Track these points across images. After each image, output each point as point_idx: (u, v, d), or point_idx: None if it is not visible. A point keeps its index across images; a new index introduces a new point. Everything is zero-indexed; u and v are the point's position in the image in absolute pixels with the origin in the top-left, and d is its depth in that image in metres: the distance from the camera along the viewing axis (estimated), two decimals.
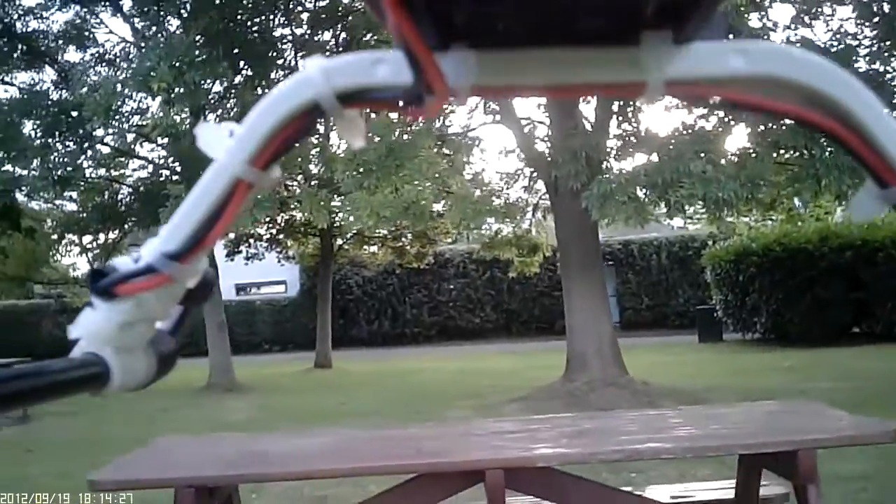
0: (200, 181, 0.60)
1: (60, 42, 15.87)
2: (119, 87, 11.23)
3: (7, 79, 16.45)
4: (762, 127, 8.94)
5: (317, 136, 14.35)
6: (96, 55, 14.22)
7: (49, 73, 16.08)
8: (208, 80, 11.37)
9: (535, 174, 12.12)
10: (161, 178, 15.57)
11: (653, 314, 25.44)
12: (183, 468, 3.57)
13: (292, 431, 6.37)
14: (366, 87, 0.58)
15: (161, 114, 11.41)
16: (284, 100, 0.58)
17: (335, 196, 12.43)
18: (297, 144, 0.62)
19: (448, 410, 10.41)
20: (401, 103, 0.58)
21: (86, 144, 13.88)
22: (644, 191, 8.44)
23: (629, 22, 0.55)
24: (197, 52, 10.85)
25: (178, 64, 10.41)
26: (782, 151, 9.40)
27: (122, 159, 16.96)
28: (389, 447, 3.92)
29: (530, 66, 0.58)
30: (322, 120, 0.59)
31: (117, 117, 11.88)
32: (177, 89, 10.52)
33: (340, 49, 16.06)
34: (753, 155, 8.99)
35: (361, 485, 5.60)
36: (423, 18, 0.51)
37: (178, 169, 14.69)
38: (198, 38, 10.90)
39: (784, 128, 8.38)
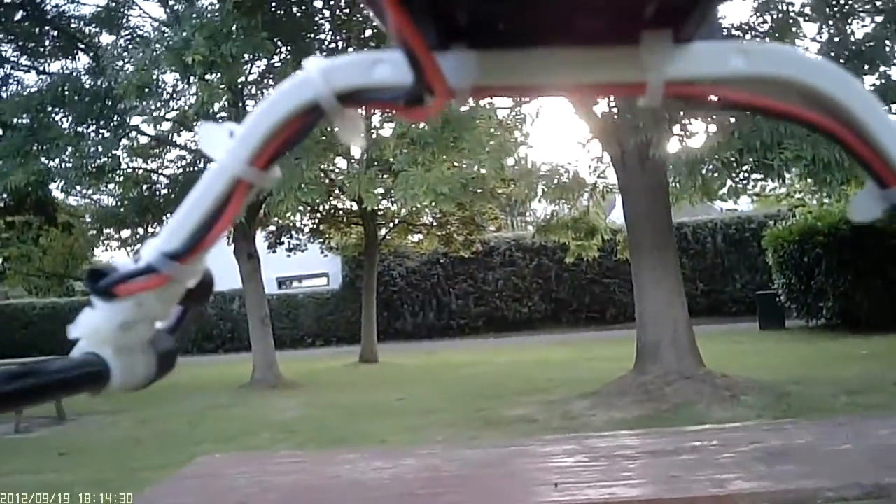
0: (201, 181, 0.60)
1: (93, 26, 15.34)
2: (152, 62, 10.56)
3: (41, 67, 16.04)
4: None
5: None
6: (129, 38, 13.55)
7: (83, 61, 15.60)
8: (246, 54, 10.64)
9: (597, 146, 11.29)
10: (200, 168, 14.95)
11: (708, 300, 24.32)
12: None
13: (362, 450, 5.43)
14: (366, 87, 0.58)
15: (198, 94, 10.71)
16: (284, 100, 0.58)
17: (385, 175, 11.66)
18: (297, 144, 0.62)
19: (513, 408, 9.65)
20: (401, 103, 0.57)
21: (120, 131, 13.33)
22: (734, 156, 7.54)
23: (629, 22, 0.55)
24: (234, 23, 10.17)
25: (214, 35, 9.76)
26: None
27: (159, 150, 16.40)
28: (525, 471, 3.07)
29: (530, 66, 0.58)
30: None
31: (152, 99, 11.22)
32: (213, 62, 9.83)
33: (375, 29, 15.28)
34: None
35: None
36: (423, 18, 0.52)
37: None
38: (233, 8, 10.15)
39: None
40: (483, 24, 0.56)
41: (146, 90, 10.84)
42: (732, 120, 7.57)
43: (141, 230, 16.98)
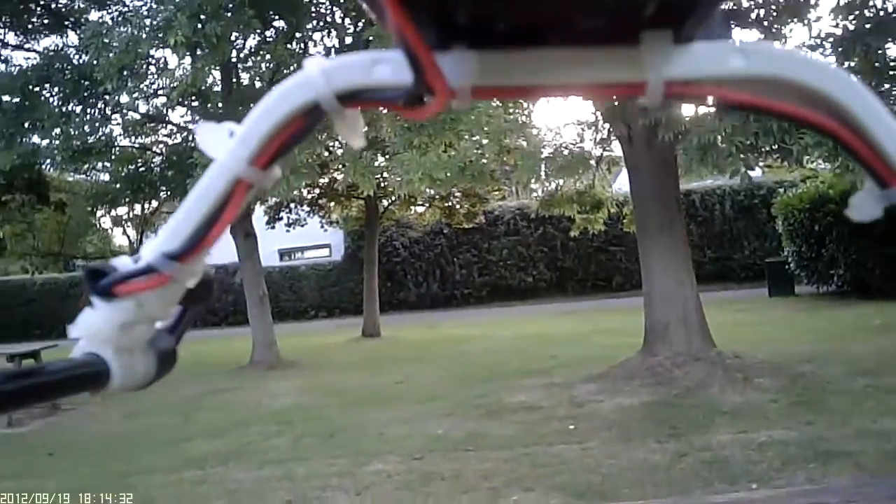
0: (201, 181, 0.60)
1: (82, 3, 14.85)
2: (133, 43, 10.08)
3: (30, 45, 15.60)
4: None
5: None
6: (117, 14, 13.07)
7: (73, 38, 15.13)
8: (233, 33, 10.14)
9: (602, 125, 10.83)
10: (193, 145, 14.54)
11: (717, 267, 23.96)
12: None
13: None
14: (366, 87, 0.58)
15: (180, 72, 10.30)
16: (285, 100, 0.58)
17: (381, 156, 11.20)
18: (297, 145, 0.62)
19: (516, 393, 9.32)
20: (401, 103, 0.57)
21: (108, 110, 12.91)
22: (750, 141, 7.10)
23: (629, 22, 0.56)
24: (219, 1, 9.70)
25: (197, 15, 9.29)
26: None
27: (152, 126, 15.96)
28: None
29: (530, 66, 0.58)
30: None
31: (134, 79, 10.76)
32: (197, 42, 9.37)
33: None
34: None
35: None
36: (423, 18, 0.52)
37: None
38: None
39: None
40: (483, 24, 0.56)
41: (124, 72, 10.38)
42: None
43: (138, 207, 16.67)
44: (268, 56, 13.51)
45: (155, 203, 17.54)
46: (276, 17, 12.86)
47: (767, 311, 16.73)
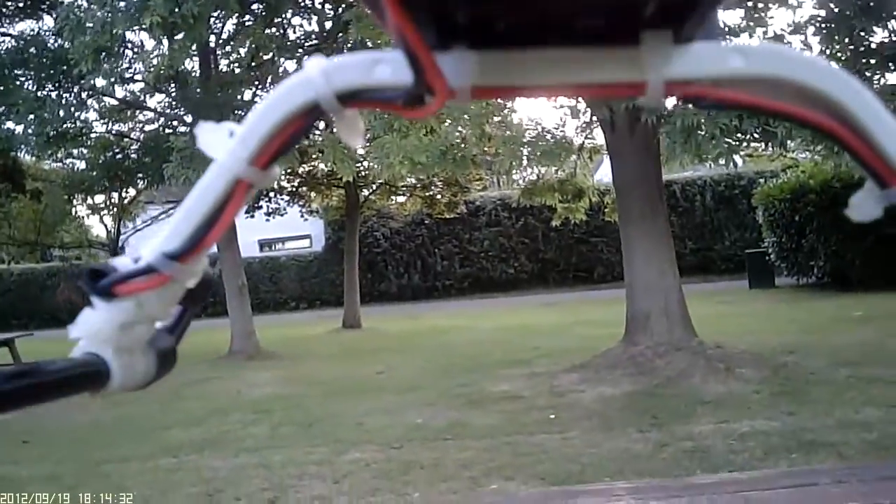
0: (201, 181, 0.60)
1: None
2: (108, 24, 9.89)
3: (5, 30, 15.34)
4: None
5: None
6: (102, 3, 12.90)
7: (49, 22, 14.88)
8: (210, 15, 9.96)
9: (585, 109, 10.72)
10: (172, 132, 14.34)
11: (697, 259, 23.98)
12: None
13: None
14: (366, 87, 0.58)
15: (156, 54, 10.11)
16: (285, 100, 0.58)
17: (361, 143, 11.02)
18: (297, 144, 0.63)
19: (497, 383, 9.24)
20: (401, 103, 0.57)
21: (84, 95, 12.70)
22: (735, 122, 7.02)
23: (629, 22, 0.56)
24: None
25: None
26: None
27: (128, 111, 15.72)
28: None
29: (530, 66, 0.58)
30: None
31: (109, 61, 10.56)
32: (174, 23, 9.19)
33: None
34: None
35: None
36: (423, 18, 0.52)
37: (188, 119, 13.41)
38: None
39: None
40: (483, 24, 0.56)
41: (101, 55, 10.19)
42: None
43: (116, 196, 16.45)
44: (247, 41, 13.34)
45: (133, 192, 17.25)
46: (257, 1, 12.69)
47: (748, 303, 16.76)
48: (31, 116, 11.81)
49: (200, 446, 7.22)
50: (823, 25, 7.69)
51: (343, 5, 12.95)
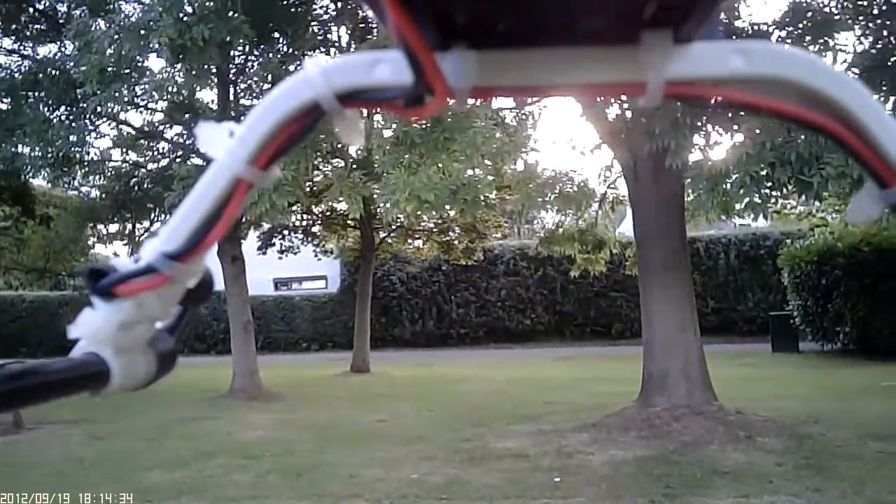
0: (201, 181, 0.60)
1: (78, 11, 14.50)
2: (117, 45, 9.63)
3: (26, 52, 15.22)
4: None
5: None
6: (111, 22, 12.75)
7: (69, 47, 14.76)
8: (222, 39, 9.67)
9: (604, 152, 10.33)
10: (178, 160, 14.08)
11: (719, 319, 23.31)
12: None
13: None
14: (366, 87, 0.57)
15: (168, 78, 9.83)
16: (285, 100, 0.58)
17: (369, 177, 10.69)
18: (297, 145, 0.61)
19: (503, 439, 8.74)
20: (401, 103, 0.57)
21: (92, 119, 12.49)
22: (765, 170, 6.54)
23: (629, 22, 0.55)
24: (209, 2, 9.27)
25: (184, 16, 8.85)
26: None
27: (143, 140, 15.49)
28: None
29: (530, 66, 0.58)
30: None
31: (118, 83, 10.28)
32: (183, 45, 8.90)
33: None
34: None
35: None
36: (423, 18, 0.52)
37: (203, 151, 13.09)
38: None
39: None
40: (483, 24, 0.55)
41: (108, 74, 9.91)
42: (761, 129, 6.57)
43: (129, 225, 16.18)
44: (267, 76, 13.10)
45: (146, 223, 16.98)
46: (273, 26, 12.42)
47: (771, 367, 16.16)
48: (37, 138, 11.57)
49: (179, 491, 6.79)
50: (865, 69, 7.25)
51: (366, 38, 12.73)
